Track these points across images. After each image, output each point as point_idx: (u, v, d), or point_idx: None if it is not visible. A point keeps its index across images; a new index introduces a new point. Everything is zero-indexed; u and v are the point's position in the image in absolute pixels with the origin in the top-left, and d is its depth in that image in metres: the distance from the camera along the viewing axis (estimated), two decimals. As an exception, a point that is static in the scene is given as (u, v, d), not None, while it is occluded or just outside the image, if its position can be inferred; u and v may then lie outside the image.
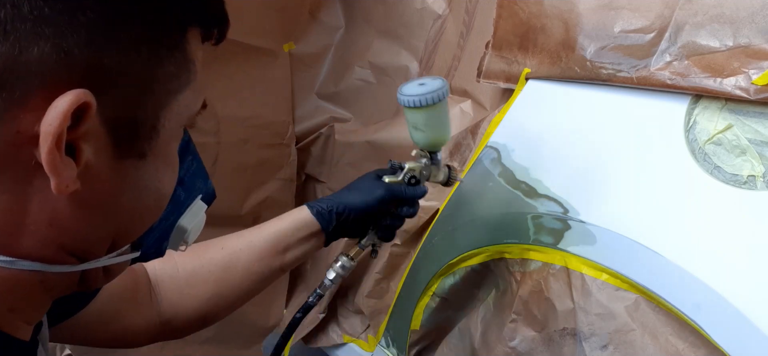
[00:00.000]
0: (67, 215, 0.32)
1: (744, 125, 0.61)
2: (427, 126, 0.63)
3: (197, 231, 0.47)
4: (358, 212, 0.68)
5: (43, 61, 0.28)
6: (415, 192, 0.69)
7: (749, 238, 0.58)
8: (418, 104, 0.61)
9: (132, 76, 0.31)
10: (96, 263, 0.36)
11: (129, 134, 0.33)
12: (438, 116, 0.64)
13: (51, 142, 0.29)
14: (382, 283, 1.03)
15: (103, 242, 0.36)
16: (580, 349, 0.68)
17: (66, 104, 0.28)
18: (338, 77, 1.20)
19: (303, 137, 1.21)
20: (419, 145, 0.67)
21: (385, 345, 1.03)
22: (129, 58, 0.31)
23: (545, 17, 0.78)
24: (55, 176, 0.29)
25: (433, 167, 0.68)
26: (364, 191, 0.69)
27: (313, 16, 1.19)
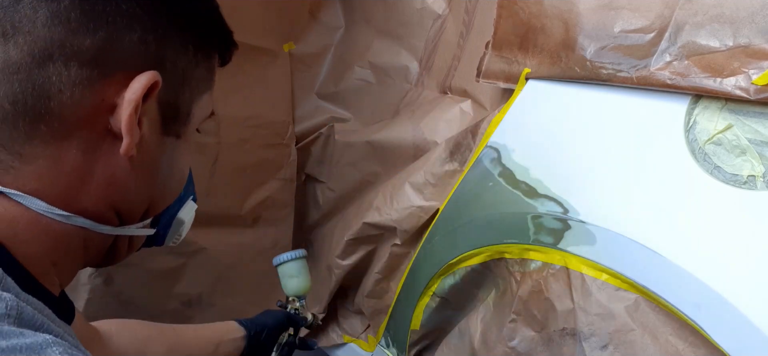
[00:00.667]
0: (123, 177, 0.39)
1: (744, 125, 0.61)
2: (298, 274, 0.93)
3: (188, 227, 0.54)
4: (268, 327, 0.85)
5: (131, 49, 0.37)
6: (301, 321, 0.91)
7: (749, 238, 0.58)
8: (289, 257, 0.92)
9: (180, 69, 0.41)
10: (127, 229, 0.43)
11: (173, 116, 0.41)
12: (304, 268, 0.93)
13: (132, 108, 0.36)
14: (382, 283, 1.03)
15: (141, 207, 0.43)
16: (579, 349, 0.68)
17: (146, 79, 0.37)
18: (338, 77, 1.20)
19: (303, 137, 1.21)
20: (292, 293, 0.94)
21: (385, 345, 1.03)
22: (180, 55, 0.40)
23: (545, 17, 0.78)
24: (129, 137, 0.37)
25: (303, 310, 0.94)
26: (271, 314, 0.89)
27: (313, 16, 1.19)
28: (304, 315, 0.93)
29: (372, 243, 1.04)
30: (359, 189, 1.13)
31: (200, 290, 1.14)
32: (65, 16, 0.35)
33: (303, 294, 0.95)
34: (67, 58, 0.35)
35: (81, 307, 1.01)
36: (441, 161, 0.93)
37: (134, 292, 1.06)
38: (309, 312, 0.95)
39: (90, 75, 0.36)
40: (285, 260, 0.93)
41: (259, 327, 0.84)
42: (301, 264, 0.94)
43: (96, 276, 1.01)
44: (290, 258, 0.93)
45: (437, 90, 1.05)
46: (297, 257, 0.93)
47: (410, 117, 1.04)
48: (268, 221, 1.19)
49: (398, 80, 1.12)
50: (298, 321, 0.91)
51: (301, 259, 0.94)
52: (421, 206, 0.93)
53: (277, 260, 0.94)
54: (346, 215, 1.15)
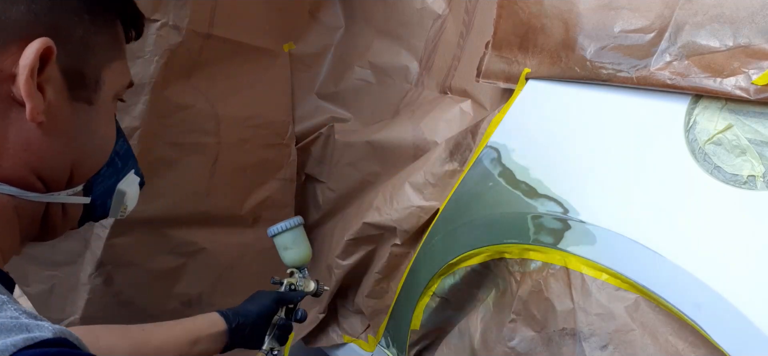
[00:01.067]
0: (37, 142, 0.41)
1: (744, 125, 0.61)
2: (293, 245, 0.89)
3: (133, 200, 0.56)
4: (255, 315, 0.82)
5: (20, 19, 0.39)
6: (296, 295, 0.88)
7: (749, 238, 0.58)
8: (282, 229, 0.89)
9: (78, 36, 0.43)
10: (57, 196, 0.45)
11: (79, 82, 0.43)
12: (299, 238, 0.90)
13: (27, 73, 0.38)
14: (382, 283, 1.03)
15: (64, 172, 0.45)
16: (579, 349, 0.68)
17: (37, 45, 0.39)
18: (338, 77, 1.20)
19: (303, 137, 1.21)
20: (290, 264, 0.91)
21: (385, 345, 1.03)
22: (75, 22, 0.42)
23: (545, 17, 0.78)
24: (29, 101, 0.39)
25: (304, 280, 0.90)
26: (258, 299, 0.85)
27: (313, 16, 1.19)
28: (304, 287, 0.89)
29: (372, 243, 1.04)
30: (359, 189, 1.13)
31: (200, 290, 1.14)
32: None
33: (302, 264, 0.91)
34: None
35: (81, 307, 1.01)
36: (441, 161, 0.93)
37: (134, 292, 1.06)
38: (312, 281, 0.91)
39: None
40: (279, 230, 0.89)
41: (243, 316, 0.81)
42: (296, 234, 0.90)
43: (96, 276, 1.01)
44: (284, 228, 0.89)
45: (437, 90, 1.05)
46: (292, 227, 0.89)
47: (410, 117, 1.04)
48: (268, 221, 1.18)
49: (398, 80, 1.11)
50: (293, 297, 0.87)
51: (297, 228, 0.90)
52: (421, 206, 0.93)
53: (272, 232, 0.90)
54: (346, 215, 1.15)
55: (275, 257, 1.20)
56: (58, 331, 0.33)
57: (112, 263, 1.02)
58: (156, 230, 1.04)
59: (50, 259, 1.04)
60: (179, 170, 1.03)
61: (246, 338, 0.81)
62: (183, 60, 0.97)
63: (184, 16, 0.93)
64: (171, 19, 0.92)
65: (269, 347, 0.85)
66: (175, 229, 1.06)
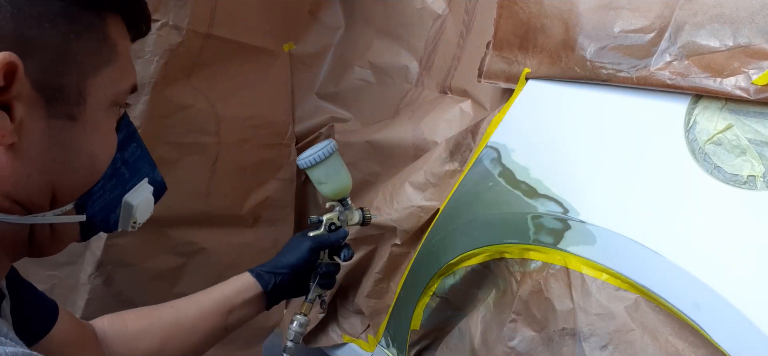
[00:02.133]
0: (8, 165, 0.37)
1: (744, 125, 0.61)
2: (328, 178, 0.77)
3: (145, 211, 0.51)
4: (293, 268, 0.76)
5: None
6: (338, 236, 0.79)
7: (749, 238, 0.58)
8: (313, 161, 0.75)
9: (52, 46, 0.38)
10: (41, 218, 0.41)
11: (57, 97, 0.38)
12: (334, 169, 0.77)
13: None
14: (382, 283, 1.03)
15: (43, 195, 0.40)
16: (579, 349, 0.68)
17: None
18: (338, 77, 1.20)
19: (303, 137, 1.21)
20: (328, 197, 0.79)
21: (385, 345, 1.03)
22: (47, 30, 0.37)
23: (545, 17, 0.78)
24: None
25: (347, 212, 0.80)
26: (295, 248, 0.78)
27: (313, 16, 1.19)
28: (347, 221, 0.79)
29: (372, 243, 1.04)
30: (359, 189, 1.13)
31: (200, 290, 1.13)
32: None
33: (342, 195, 0.79)
34: None
35: (81, 307, 1.01)
36: (441, 161, 0.93)
37: (134, 292, 1.05)
38: (355, 212, 0.81)
39: None
40: (311, 163, 0.75)
41: (279, 273, 0.75)
42: (330, 165, 0.76)
43: (96, 276, 1.01)
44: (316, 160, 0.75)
45: (437, 90, 1.05)
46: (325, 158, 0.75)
47: (410, 117, 1.04)
48: (268, 221, 1.19)
49: (398, 80, 1.12)
50: (333, 240, 0.78)
51: (330, 158, 0.76)
52: (421, 206, 0.93)
53: (303, 163, 0.76)
54: (346, 215, 1.15)
55: (275, 257, 1.21)
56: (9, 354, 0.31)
57: (112, 264, 1.02)
58: (156, 230, 1.03)
59: (50, 259, 1.04)
60: (179, 170, 1.03)
61: (287, 293, 0.77)
62: (183, 60, 0.97)
63: (184, 16, 0.93)
64: (171, 19, 0.92)
65: (315, 295, 0.79)
66: (175, 229, 1.06)
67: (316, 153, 0.75)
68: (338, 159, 0.78)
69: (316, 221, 0.80)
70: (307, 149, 0.76)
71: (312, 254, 0.77)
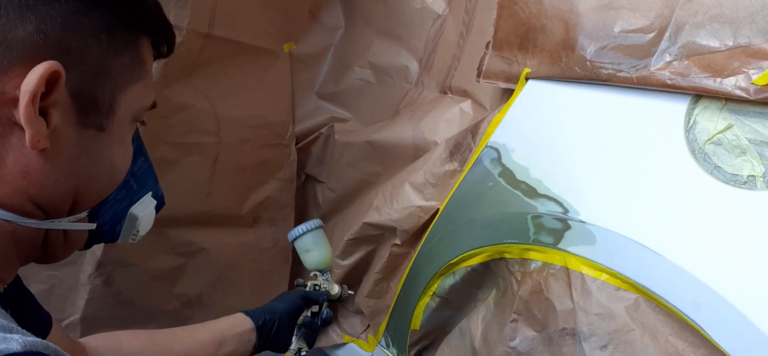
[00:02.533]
0: (38, 169, 0.38)
1: (744, 125, 0.61)
2: (314, 246, 0.88)
3: (147, 224, 0.54)
4: (283, 312, 0.82)
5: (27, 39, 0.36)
6: (322, 295, 0.88)
7: (749, 238, 0.58)
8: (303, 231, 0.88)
9: (93, 59, 0.39)
10: (58, 223, 0.42)
11: (90, 107, 0.40)
12: (320, 239, 0.89)
13: (28, 99, 0.36)
14: (382, 283, 1.03)
15: (66, 200, 0.42)
16: (580, 349, 0.68)
17: (41, 70, 0.36)
18: (338, 77, 1.20)
19: (303, 137, 1.21)
20: (311, 267, 0.90)
21: (385, 345, 1.03)
22: (91, 43, 0.39)
23: (545, 17, 0.79)
24: (29, 128, 0.36)
25: (327, 284, 0.90)
26: (286, 297, 0.85)
27: (313, 16, 1.19)
28: (328, 289, 0.88)
29: (372, 243, 1.04)
30: (359, 189, 1.13)
31: (200, 290, 1.13)
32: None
33: (324, 267, 0.90)
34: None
35: (81, 307, 1.01)
36: (441, 161, 0.93)
37: (134, 292, 1.05)
38: (334, 285, 0.90)
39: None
40: (299, 233, 0.88)
41: (270, 314, 0.80)
42: (316, 236, 0.88)
43: (96, 276, 1.01)
44: (304, 231, 0.87)
45: (437, 90, 1.05)
46: (311, 229, 0.87)
47: (410, 117, 1.04)
48: (268, 221, 1.19)
49: (398, 80, 1.11)
50: (317, 297, 0.86)
51: (316, 230, 0.88)
52: (421, 206, 0.93)
53: (292, 236, 0.89)
54: (346, 215, 1.15)
55: (275, 256, 1.21)
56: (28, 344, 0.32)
57: (112, 263, 1.02)
58: (156, 230, 1.03)
59: (50, 259, 1.04)
60: (179, 170, 1.03)
61: (273, 337, 0.80)
62: (183, 60, 0.97)
63: (184, 16, 0.93)
64: (171, 19, 0.90)
65: (297, 347, 0.84)
66: (175, 229, 1.06)
67: (306, 225, 0.89)
68: (323, 234, 0.91)
69: (302, 283, 0.91)
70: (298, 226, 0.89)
71: (301, 301, 0.85)
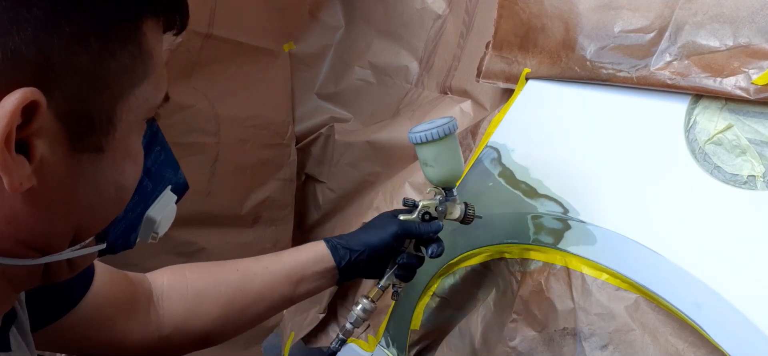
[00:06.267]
0: (25, 212, 0.32)
1: (744, 125, 0.61)
2: (436, 161, 0.66)
3: (167, 222, 0.46)
4: (372, 249, 0.68)
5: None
6: (429, 229, 0.69)
7: (749, 238, 0.58)
8: (426, 138, 0.65)
9: (82, 70, 0.31)
10: (58, 256, 0.36)
11: (85, 129, 0.32)
12: (447, 151, 0.66)
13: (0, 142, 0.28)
14: (382, 283, 1.03)
15: (64, 237, 0.36)
16: (580, 349, 0.68)
17: (12, 105, 0.28)
18: (338, 77, 1.20)
19: (303, 137, 1.21)
20: (432, 181, 0.69)
21: (385, 345, 1.03)
22: (77, 53, 0.30)
23: (545, 17, 0.78)
24: (6, 176, 0.29)
25: (448, 204, 0.70)
26: (379, 228, 0.69)
27: (313, 16, 1.19)
28: (447, 213, 0.69)
29: (372, 243, 1.04)
30: (359, 189, 1.13)
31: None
32: None
33: (449, 184, 0.69)
34: None
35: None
36: (441, 161, 0.92)
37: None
38: (457, 205, 0.70)
39: None
40: (424, 140, 0.65)
41: (356, 251, 0.68)
42: (446, 145, 0.66)
43: (96, 276, 1.01)
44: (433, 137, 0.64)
45: (437, 90, 1.05)
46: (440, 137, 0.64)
47: (410, 117, 1.04)
48: (268, 221, 1.19)
49: (398, 80, 1.12)
50: (424, 231, 0.68)
51: (446, 138, 0.65)
52: (421, 206, 0.93)
53: (414, 139, 0.66)
54: (346, 215, 1.15)
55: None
56: None
57: (112, 264, 1.01)
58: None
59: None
60: (179, 170, 1.03)
61: (360, 272, 0.70)
62: (183, 60, 0.97)
63: (184, 16, 0.93)
64: (171, 19, 0.92)
65: (388, 283, 0.71)
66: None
67: (432, 129, 0.64)
68: (455, 141, 0.67)
69: (411, 204, 0.70)
70: (422, 123, 0.67)
71: (395, 240, 0.68)
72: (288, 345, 1.19)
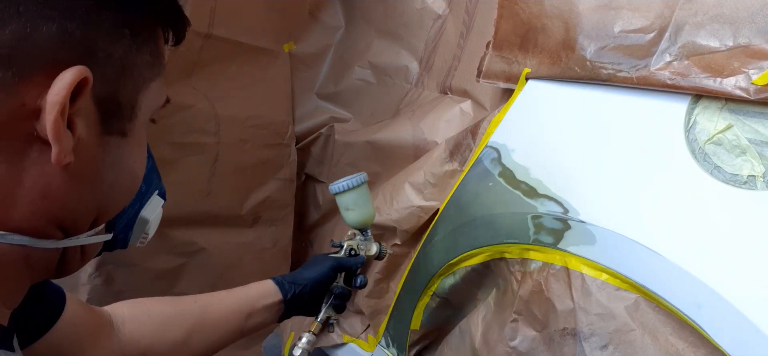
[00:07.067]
0: (59, 187, 0.34)
1: (744, 125, 0.61)
2: (355, 205, 0.83)
3: (155, 225, 0.51)
4: (314, 282, 0.79)
5: (50, 40, 0.32)
6: (356, 262, 0.83)
7: (749, 238, 0.58)
8: (345, 188, 0.82)
9: (117, 59, 0.35)
10: (76, 240, 0.38)
11: (114, 112, 0.36)
12: (362, 198, 0.84)
13: (57, 111, 0.31)
14: (382, 283, 1.03)
15: (88, 217, 0.38)
16: (580, 349, 0.68)
17: (70, 77, 0.31)
18: (338, 77, 1.20)
19: (303, 137, 1.21)
20: (352, 224, 0.85)
21: (385, 345, 1.03)
22: (115, 41, 0.35)
23: (545, 17, 0.79)
24: (57, 144, 0.32)
25: (366, 243, 0.86)
26: (318, 265, 0.81)
27: (313, 16, 1.19)
28: (366, 250, 0.84)
29: (372, 243, 1.04)
30: (359, 189, 1.13)
31: (200, 290, 1.12)
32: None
33: (365, 225, 0.85)
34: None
35: (81, 307, 1.01)
36: (441, 161, 0.93)
37: (134, 292, 1.05)
38: (373, 244, 0.86)
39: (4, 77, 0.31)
40: (342, 189, 0.82)
41: (299, 285, 0.77)
42: (359, 194, 0.83)
43: (96, 276, 1.01)
44: (346, 188, 0.82)
45: (437, 90, 1.06)
46: (356, 186, 0.82)
47: (410, 117, 1.04)
48: (268, 221, 1.19)
49: (398, 80, 1.12)
50: (352, 264, 0.82)
51: (361, 186, 0.83)
52: (421, 206, 0.93)
53: (334, 189, 0.83)
54: (346, 215, 1.15)
55: (275, 256, 1.21)
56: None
57: (112, 264, 1.02)
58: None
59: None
60: (179, 170, 1.03)
61: (301, 307, 0.79)
62: (183, 60, 0.97)
63: (184, 16, 0.93)
64: (171, 19, 0.92)
65: (325, 316, 0.82)
66: (175, 229, 1.07)
67: (350, 181, 0.82)
68: (367, 192, 0.84)
69: (337, 244, 0.85)
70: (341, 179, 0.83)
71: (332, 271, 0.81)
72: (288, 345, 1.19)
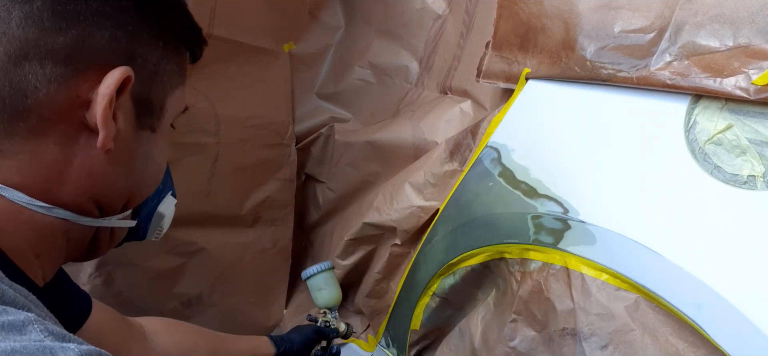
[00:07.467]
0: (101, 170, 0.41)
1: (744, 125, 0.61)
2: (326, 285, 0.99)
3: (169, 222, 0.57)
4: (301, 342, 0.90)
5: (102, 44, 0.38)
6: (332, 331, 0.96)
7: (749, 238, 0.58)
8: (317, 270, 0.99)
9: (153, 63, 0.42)
10: (108, 221, 0.44)
11: (147, 110, 0.43)
12: (331, 280, 1.00)
13: (106, 102, 0.38)
14: (382, 283, 1.03)
15: (121, 199, 0.44)
16: (580, 349, 0.68)
17: (118, 75, 0.38)
18: (338, 77, 1.20)
19: (303, 137, 1.21)
20: (322, 304, 0.99)
21: (385, 345, 1.03)
22: (152, 49, 0.42)
23: (545, 17, 0.79)
24: (104, 130, 0.38)
25: (336, 321, 0.98)
26: (302, 330, 0.93)
27: (313, 16, 1.19)
28: (336, 326, 0.97)
29: (372, 243, 1.04)
30: (359, 189, 1.13)
31: (200, 290, 1.14)
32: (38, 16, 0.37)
33: (332, 305, 0.99)
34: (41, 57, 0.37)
35: (81, 307, 1.01)
36: (441, 161, 0.93)
37: (134, 292, 1.05)
38: (341, 322, 0.98)
39: (64, 72, 0.37)
40: (312, 273, 0.98)
41: (289, 343, 0.88)
42: (327, 276, 0.99)
43: (96, 277, 1.01)
44: (316, 271, 0.98)
45: (437, 90, 1.05)
46: (323, 270, 0.98)
47: (410, 117, 1.04)
48: (268, 221, 1.19)
49: (398, 80, 1.12)
50: (328, 332, 0.94)
51: (327, 271, 0.99)
52: (421, 206, 0.93)
53: (305, 275, 0.99)
54: (346, 215, 1.15)
55: (275, 256, 1.21)
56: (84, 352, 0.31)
57: (112, 264, 1.02)
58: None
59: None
60: (179, 170, 1.03)
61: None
62: (183, 60, 0.97)
63: (184, 16, 0.93)
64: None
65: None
66: (175, 229, 1.06)
67: (320, 265, 0.99)
68: (334, 275, 1.01)
69: (313, 318, 0.99)
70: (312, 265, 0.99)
71: (315, 335, 0.93)
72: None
